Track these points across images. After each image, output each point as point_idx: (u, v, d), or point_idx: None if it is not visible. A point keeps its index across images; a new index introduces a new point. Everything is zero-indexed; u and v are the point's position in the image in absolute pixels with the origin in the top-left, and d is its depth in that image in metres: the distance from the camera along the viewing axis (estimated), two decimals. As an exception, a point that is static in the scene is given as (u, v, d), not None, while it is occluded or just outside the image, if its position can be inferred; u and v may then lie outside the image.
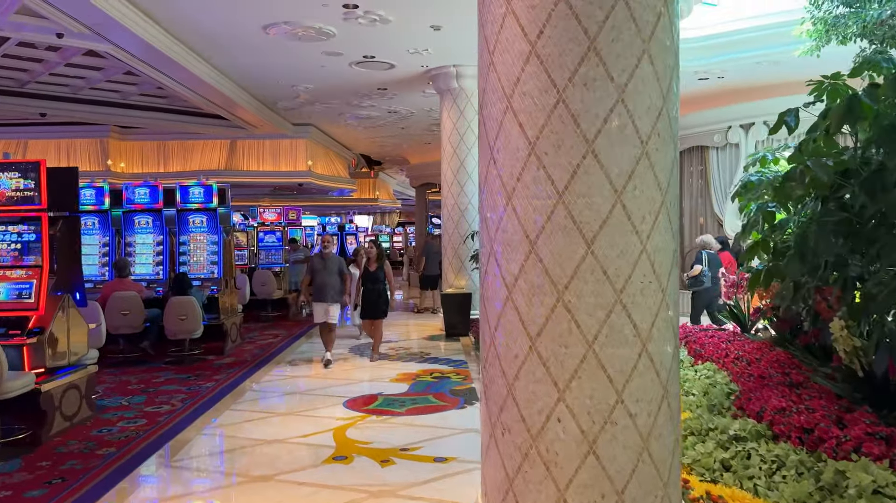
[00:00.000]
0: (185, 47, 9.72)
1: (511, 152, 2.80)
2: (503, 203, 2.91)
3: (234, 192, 22.48)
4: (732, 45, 9.97)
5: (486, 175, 3.01)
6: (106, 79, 12.14)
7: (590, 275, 2.65)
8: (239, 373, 8.34)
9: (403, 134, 17.61)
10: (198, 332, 9.00)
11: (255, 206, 20.36)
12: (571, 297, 2.67)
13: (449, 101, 11.24)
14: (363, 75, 11.41)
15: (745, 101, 12.26)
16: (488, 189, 2.99)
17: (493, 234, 2.94)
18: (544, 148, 2.71)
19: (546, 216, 2.71)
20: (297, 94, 12.86)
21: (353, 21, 8.63)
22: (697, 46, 10.77)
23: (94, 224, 9.96)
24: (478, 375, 7.65)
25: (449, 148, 11.30)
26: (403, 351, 9.69)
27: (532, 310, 2.76)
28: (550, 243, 2.71)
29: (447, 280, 11.43)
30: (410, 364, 8.67)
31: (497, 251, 2.92)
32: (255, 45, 9.73)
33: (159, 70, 10.44)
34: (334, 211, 33.56)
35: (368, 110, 14.43)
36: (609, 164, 2.63)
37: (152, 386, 7.77)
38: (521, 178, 2.77)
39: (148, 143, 16.85)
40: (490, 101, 2.92)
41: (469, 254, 11.04)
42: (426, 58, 10.40)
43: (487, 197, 3.02)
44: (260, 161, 16.77)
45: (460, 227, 11.24)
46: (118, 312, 8.86)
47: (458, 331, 10.83)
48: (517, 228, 2.80)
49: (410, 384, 7.48)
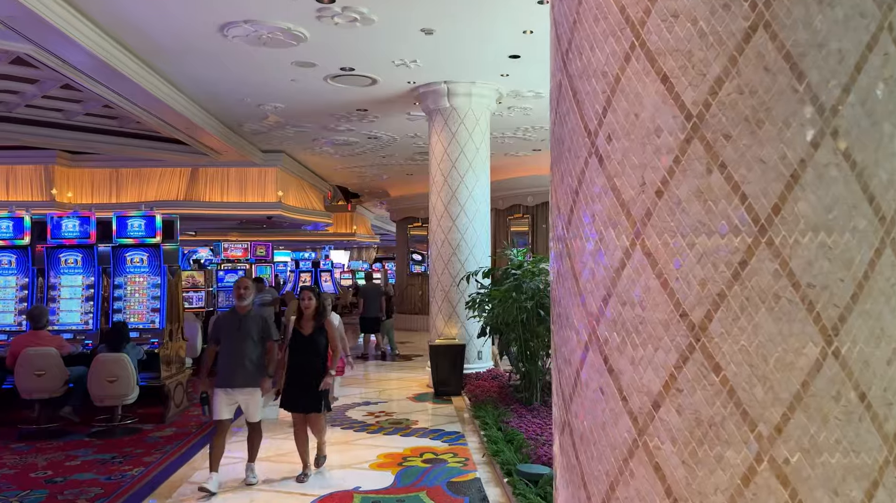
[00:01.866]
0: (128, 53, 8.17)
1: (642, 140, 1.34)
2: (623, 242, 1.43)
3: (198, 226, 20.84)
4: None
5: (582, 183, 1.52)
6: (42, 94, 10.51)
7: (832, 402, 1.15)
8: (178, 452, 6.61)
9: (384, 163, 16.14)
10: (131, 397, 7.29)
11: (220, 242, 18.72)
12: (791, 447, 1.18)
13: (439, 123, 9.80)
14: (340, 93, 9.95)
15: None
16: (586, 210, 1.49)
17: (595, 306, 1.45)
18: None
19: (733, 269, 1.23)
20: (265, 114, 11.35)
21: (329, 21, 7.18)
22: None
23: (10, 262, 8.23)
24: (481, 457, 6.04)
25: (439, 176, 9.82)
26: (384, 417, 8.03)
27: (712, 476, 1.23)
28: (741, 328, 1.21)
29: (435, 328, 9.84)
30: (394, 438, 7.00)
31: (607, 337, 1.42)
32: (212, 52, 8.22)
33: (99, 82, 8.86)
34: (309, 246, 31.87)
35: (346, 135, 12.95)
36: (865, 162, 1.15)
37: (63, 471, 6.02)
38: (668, 191, 1.28)
39: (99, 170, 15.16)
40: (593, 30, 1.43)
41: (461, 297, 9.49)
42: (414, 72, 8.97)
43: (577, 226, 1.53)
44: (224, 191, 15.15)
45: (451, 266, 9.70)
46: (31, 372, 7.13)
47: (450, 389, 9.21)
48: (658, 293, 1.31)
49: (397, 472, 5.82)
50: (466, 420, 7.71)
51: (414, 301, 20.13)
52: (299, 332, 5.75)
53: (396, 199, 21.42)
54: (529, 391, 7.68)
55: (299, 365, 5.67)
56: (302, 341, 5.70)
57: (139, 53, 8.35)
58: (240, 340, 5.48)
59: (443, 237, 9.77)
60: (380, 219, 29.53)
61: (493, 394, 8.26)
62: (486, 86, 9.56)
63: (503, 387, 8.58)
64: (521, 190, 16.47)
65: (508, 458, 5.46)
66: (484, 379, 9.16)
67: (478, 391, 8.54)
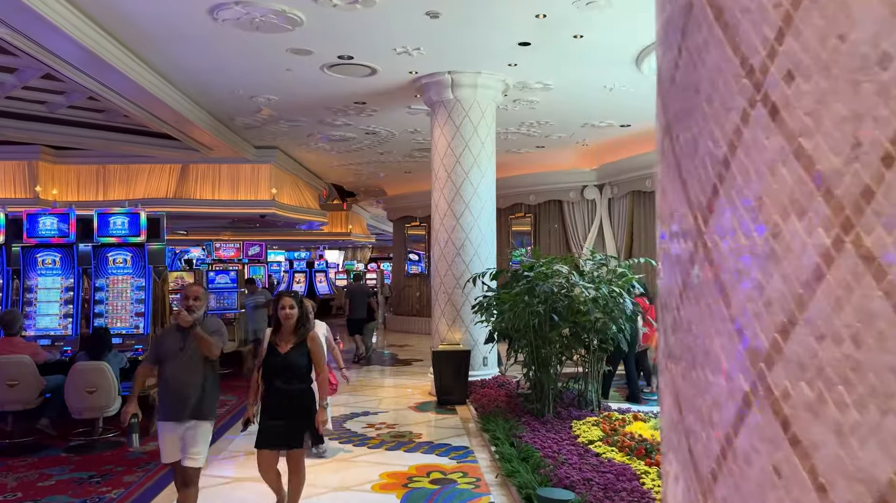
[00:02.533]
0: (111, 39, 7.62)
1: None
2: (819, 238, 0.90)
3: (189, 225, 20.23)
4: None
5: (738, 148, 1.00)
6: (22, 83, 9.93)
7: None
8: (163, 470, 6.07)
9: (382, 161, 15.61)
10: (112, 409, 6.74)
11: (211, 241, 18.17)
12: None
13: (443, 116, 9.28)
14: (338, 84, 9.42)
15: None
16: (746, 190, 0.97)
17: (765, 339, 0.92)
18: None
19: None
20: (258, 107, 10.80)
21: (327, 2, 6.65)
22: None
23: (-19, 263, 7.69)
24: (494, 478, 5.53)
25: (442, 172, 9.30)
26: (385, 429, 7.50)
27: None
28: None
29: (438, 333, 9.32)
30: (397, 454, 6.48)
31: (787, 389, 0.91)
32: (201, 37, 7.68)
33: (82, 70, 8.30)
34: (303, 245, 31.29)
35: (343, 130, 12.41)
36: None
37: (34, 493, 5.48)
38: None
39: (85, 167, 14.56)
40: None
41: (466, 300, 8.98)
42: (416, 60, 8.45)
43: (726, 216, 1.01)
44: (216, 188, 14.56)
45: (455, 267, 9.18)
46: (3, 382, 6.58)
47: (454, 398, 8.69)
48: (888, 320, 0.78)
49: (403, 496, 5.28)
50: (474, 432, 7.20)
51: (412, 303, 19.62)
52: (275, 349, 4.53)
53: (394, 198, 20.91)
54: (541, 402, 7.17)
55: (277, 391, 4.46)
56: (280, 361, 4.49)
57: (123, 40, 7.81)
58: (185, 362, 4.36)
59: (446, 236, 9.25)
60: (375, 218, 29.00)
61: (500, 403, 7.75)
62: (492, 76, 9.04)
63: (511, 395, 8.07)
64: (523, 188, 15.98)
65: (526, 481, 4.95)
66: (490, 387, 8.65)
67: (484, 400, 8.03)
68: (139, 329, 7.51)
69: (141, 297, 7.56)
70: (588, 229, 14.98)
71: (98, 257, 7.59)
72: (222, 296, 12.22)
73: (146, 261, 7.56)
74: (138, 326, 7.52)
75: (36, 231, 7.59)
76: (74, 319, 7.55)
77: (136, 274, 7.59)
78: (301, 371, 4.53)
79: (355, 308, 13.14)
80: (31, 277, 7.56)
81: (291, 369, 4.49)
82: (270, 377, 4.52)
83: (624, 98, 10.04)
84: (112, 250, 7.60)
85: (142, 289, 7.57)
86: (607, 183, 14.58)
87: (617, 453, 5.65)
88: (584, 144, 13.55)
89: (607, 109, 10.87)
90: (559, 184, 15.47)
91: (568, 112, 10.99)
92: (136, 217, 7.60)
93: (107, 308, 7.55)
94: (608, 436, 6.13)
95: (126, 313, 7.54)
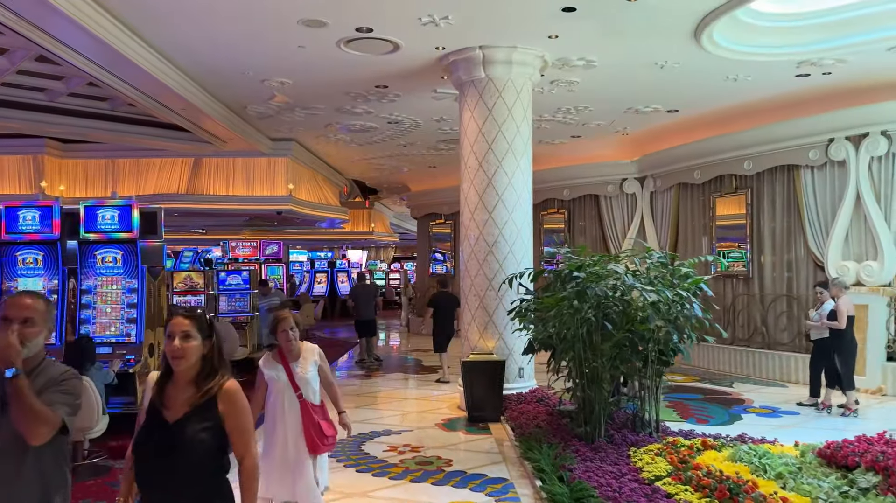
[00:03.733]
0: (104, 12, 6.75)
1: None
2: None
3: (204, 222, 19.45)
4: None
5: None
6: (14, 65, 9.14)
7: None
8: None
9: (405, 153, 14.64)
10: (97, 430, 5.88)
11: (227, 240, 17.39)
12: None
13: (473, 97, 8.26)
14: (356, 63, 8.46)
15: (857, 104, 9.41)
16: None
17: None
18: None
19: None
20: (271, 93, 9.89)
21: (341, -42, 5.70)
22: (803, 26, 7.97)
23: (-43, 262, 6.85)
24: (542, 525, 4.49)
25: (473, 161, 8.29)
26: (409, 453, 6.51)
27: None
28: None
29: (468, 341, 8.32)
30: (424, 487, 5.47)
31: None
32: (202, 7, 6.78)
33: (74, 48, 7.46)
34: (326, 245, 30.47)
35: (363, 119, 11.46)
36: None
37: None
38: None
39: (94, 161, 13.83)
40: None
41: (499, 303, 7.97)
42: (444, 32, 7.45)
43: None
44: (230, 183, 13.72)
45: (488, 267, 8.17)
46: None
47: (487, 414, 7.68)
48: None
49: (430, 549, 4.30)
50: (512, 460, 6.17)
51: (437, 304, 18.59)
52: (159, 413, 2.50)
53: (417, 195, 19.95)
54: (591, 424, 6.12)
55: (154, 485, 2.48)
56: (164, 438, 2.44)
57: (119, 15, 6.93)
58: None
59: (477, 233, 8.24)
60: (398, 216, 28.06)
61: (541, 422, 6.74)
62: (528, 51, 8.01)
63: (552, 413, 7.05)
64: (556, 182, 14.89)
65: (586, 535, 3.93)
66: (528, 401, 7.64)
67: (522, 418, 7.03)
68: (131, 337, 6.62)
69: (133, 301, 6.67)
70: (627, 226, 13.85)
71: (85, 255, 6.71)
72: (234, 298, 11.35)
73: (139, 259, 6.67)
74: (130, 334, 6.63)
75: (16, 226, 6.73)
76: (58, 326, 6.68)
77: (128, 274, 6.70)
78: (203, 459, 2.44)
79: (361, 309, 12.67)
80: (9, 278, 6.70)
81: (185, 455, 2.40)
82: (145, 473, 2.49)
83: (676, 78, 8.96)
84: (101, 247, 6.72)
85: (134, 292, 6.68)
86: (649, 175, 13.44)
87: (692, 494, 4.60)
88: (625, 133, 12.44)
89: (655, 92, 9.78)
90: (596, 177, 14.35)
91: (611, 95, 9.91)
92: (127, 210, 6.71)
93: (94, 313, 6.66)
94: (678, 471, 5.08)
95: (115, 318, 6.66)
